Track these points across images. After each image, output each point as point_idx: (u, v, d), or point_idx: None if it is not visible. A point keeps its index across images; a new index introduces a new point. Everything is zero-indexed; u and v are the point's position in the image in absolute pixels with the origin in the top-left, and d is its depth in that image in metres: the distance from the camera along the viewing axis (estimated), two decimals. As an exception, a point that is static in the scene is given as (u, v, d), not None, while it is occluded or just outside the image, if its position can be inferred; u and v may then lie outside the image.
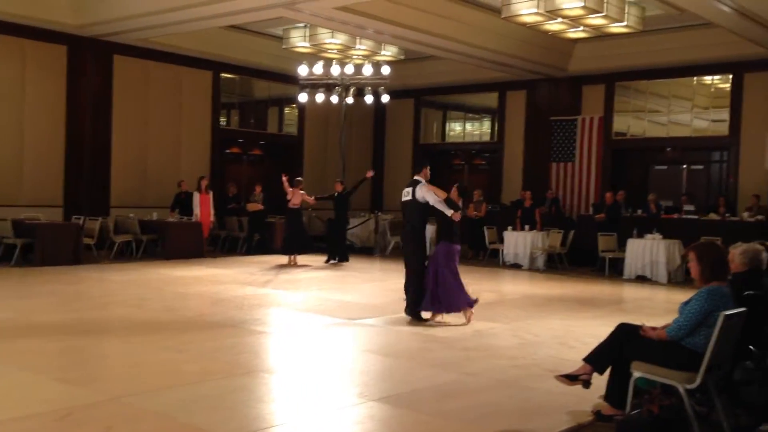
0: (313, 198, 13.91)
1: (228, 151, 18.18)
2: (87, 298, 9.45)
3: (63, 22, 13.90)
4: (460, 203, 8.40)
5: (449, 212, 8.08)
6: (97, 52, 14.80)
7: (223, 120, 17.65)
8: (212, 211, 15.20)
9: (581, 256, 14.30)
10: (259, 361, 6.41)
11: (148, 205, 15.34)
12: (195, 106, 16.64)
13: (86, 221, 13.63)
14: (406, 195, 8.46)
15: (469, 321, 8.05)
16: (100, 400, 4.91)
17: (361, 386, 5.45)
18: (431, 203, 8.19)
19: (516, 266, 14.07)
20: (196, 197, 14.89)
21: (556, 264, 14.16)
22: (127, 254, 14.15)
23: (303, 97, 15.94)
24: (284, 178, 13.64)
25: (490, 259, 15.02)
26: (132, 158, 15.61)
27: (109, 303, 9.11)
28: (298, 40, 15.55)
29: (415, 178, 8.55)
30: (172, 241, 13.94)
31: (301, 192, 13.70)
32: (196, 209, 14.79)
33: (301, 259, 13.80)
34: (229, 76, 17.46)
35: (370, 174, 14.75)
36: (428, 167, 8.74)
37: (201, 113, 16.80)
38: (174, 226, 14.19)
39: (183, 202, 15.03)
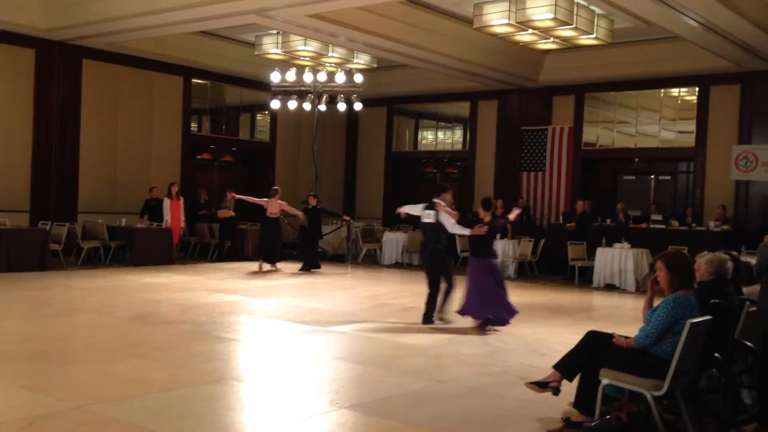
0: (298, 212, 14.25)
1: (199, 157, 18.03)
2: (53, 304, 9.28)
3: (32, 25, 13.67)
4: (487, 218, 8.41)
5: (467, 232, 8.28)
6: (66, 56, 14.58)
7: (194, 126, 17.50)
8: (183, 218, 15.06)
9: (552, 265, 14.45)
10: (229, 368, 6.34)
11: (116, 210, 15.14)
12: (166, 111, 16.47)
13: (53, 226, 13.40)
14: (428, 217, 8.61)
15: (487, 331, 8.19)
16: (66, 408, 4.82)
17: (332, 393, 5.43)
18: (448, 229, 8.48)
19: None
20: (167, 203, 14.74)
21: (526, 272, 14.28)
22: (94, 260, 13.93)
23: (275, 104, 15.90)
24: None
25: (462, 267, 15.06)
26: (101, 163, 15.39)
27: (76, 310, 8.95)
28: (271, 47, 15.50)
29: (435, 200, 8.65)
30: (140, 247, 13.76)
31: (280, 201, 13.73)
32: (167, 215, 14.64)
33: (270, 267, 13.76)
34: (200, 81, 17.34)
35: (347, 218, 15.69)
36: (449, 193, 8.92)
37: (172, 119, 16.64)
38: (143, 233, 14.02)
39: (153, 208, 14.86)
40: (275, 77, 15.18)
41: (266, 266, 13.71)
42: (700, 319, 4.37)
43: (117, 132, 15.64)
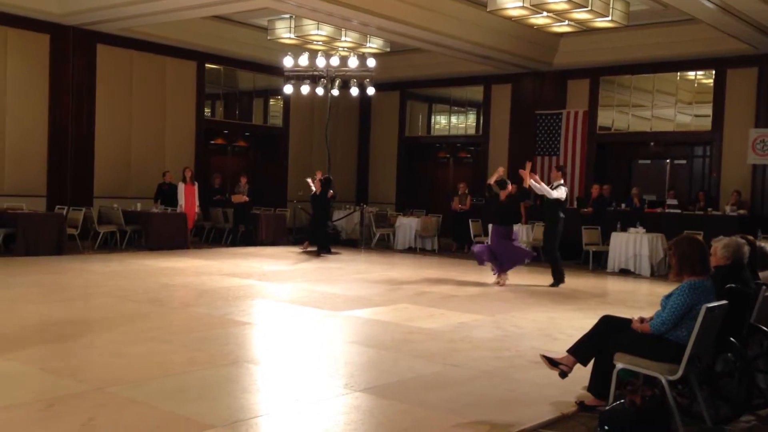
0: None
1: (213, 142, 18.09)
2: (70, 288, 9.38)
3: (46, 10, 13.73)
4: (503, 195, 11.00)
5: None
6: (81, 42, 14.65)
7: (207, 111, 17.55)
8: (197, 202, 15.14)
9: (565, 250, 14.36)
10: (244, 352, 6.40)
11: (131, 195, 15.26)
12: (179, 96, 16.52)
13: (69, 211, 13.52)
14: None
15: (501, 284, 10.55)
16: (85, 390, 4.89)
17: (346, 377, 5.46)
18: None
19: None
20: (181, 188, 14.82)
21: (541, 257, 14.23)
22: (110, 245, 14.06)
23: (288, 89, 15.89)
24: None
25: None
26: (115, 148, 15.48)
27: (93, 294, 9.05)
28: (284, 32, 15.48)
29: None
30: (155, 232, 13.86)
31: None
32: (181, 200, 14.73)
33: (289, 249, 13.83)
34: (213, 66, 17.35)
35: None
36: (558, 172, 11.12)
37: (185, 104, 16.69)
38: (158, 217, 14.12)
39: (166, 193, 14.94)
40: (288, 62, 15.16)
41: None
42: (715, 304, 4.35)
43: (131, 117, 15.72)
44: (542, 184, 10.68)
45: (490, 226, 11.09)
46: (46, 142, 14.54)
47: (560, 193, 10.63)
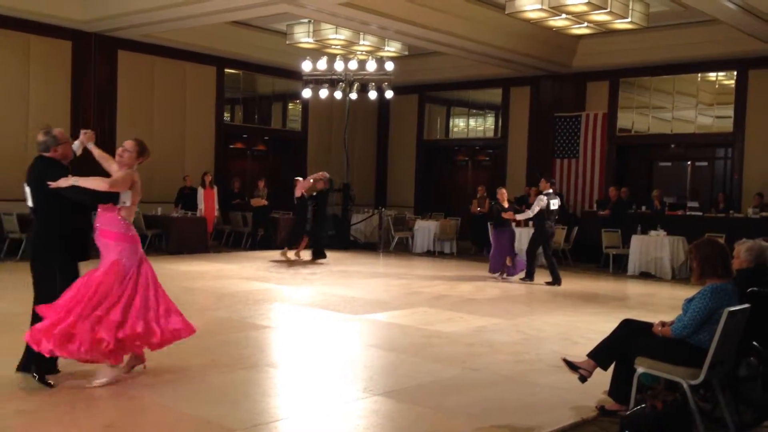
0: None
1: (232, 146, 18.20)
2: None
3: (69, 17, 13.90)
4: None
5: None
6: (102, 48, 14.82)
7: (227, 115, 17.67)
8: (216, 206, 15.25)
9: (585, 253, 14.32)
10: (264, 355, 6.44)
11: (152, 200, 15.35)
12: (199, 101, 16.66)
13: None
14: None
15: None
16: (105, 394, 4.94)
17: (365, 381, 5.47)
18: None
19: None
20: (200, 192, 14.93)
21: (560, 260, 14.14)
22: (131, 249, 14.16)
23: (307, 93, 15.96)
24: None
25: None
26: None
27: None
28: (302, 36, 15.55)
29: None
30: (176, 236, 13.97)
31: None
32: (201, 204, 14.84)
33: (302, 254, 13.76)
34: (232, 71, 17.47)
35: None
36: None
37: (205, 108, 16.82)
38: (178, 221, 14.23)
39: (187, 197, 15.06)
40: (307, 66, 15.23)
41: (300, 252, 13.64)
42: (738, 308, 4.31)
43: (152, 122, 15.87)
44: (526, 214, 11.73)
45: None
46: (68, 147, 14.71)
47: (540, 204, 11.21)
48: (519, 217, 11.89)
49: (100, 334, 4.88)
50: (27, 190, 5.26)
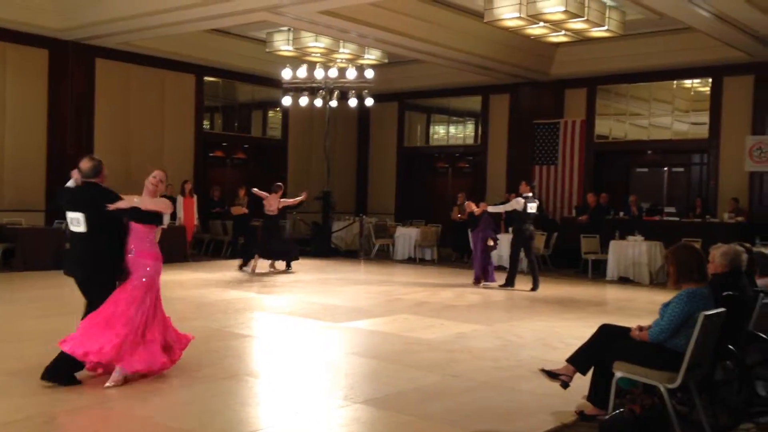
0: (298, 198, 13.56)
1: (211, 154, 18.12)
2: (69, 303, 9.33)
3: (45, 25, 13.79)
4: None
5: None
6: (79, 56, 14.70)
7: (206, 123, 17.60)
8: (196, 215, 15.16)
9: (565, 258, 14.42)
10: (244, 364, 6.40)
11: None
12: (178, 109, 16.57)
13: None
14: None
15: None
16: (86, 405, 4.89)
17: (346, 389, 5.46)
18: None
19: (501, 268, 14.13)
20: (180, 201, 14.83)
21: (540, 265, 14.24)
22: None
23: (287, 101, 15.95)
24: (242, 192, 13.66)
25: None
26: (115, 162, 15.43)
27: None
28: (282, 44, 15.54)
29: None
30: (161, 244, 13.82)
31: (281, 199, 13.09)
32: (180, 213, 14.74)
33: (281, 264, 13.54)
34: (212, 79, 17.41)
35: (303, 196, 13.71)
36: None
37: (184, 117, 16.73)
38: (163, 231, 14.08)
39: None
40: (286, 74, 15.23)
41: (275, 264, 13.35)
42: (713, 312, 4.36)
43: (130, 130, 15.75)
44: (497, 207, 12.08)
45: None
46: (44, 156, 14.57)
47: (517, 205, 11.35)
48: (491, 209, 11.89)
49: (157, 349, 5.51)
50: (75, 215, 5.52)
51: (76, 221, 5.51)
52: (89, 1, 13.23)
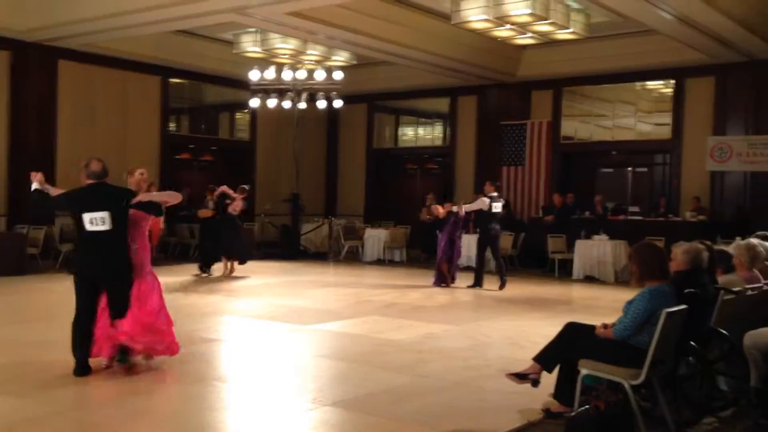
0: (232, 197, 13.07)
1: (178, 157, 17.92)
2: (32, 309, 9.20)
3: (7, 27, 13.51)
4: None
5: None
6: (42, 58, 14.42)
7: (172, 125, 17.40)
8: (162, 218, 14.94)
9: (532, 258, 14.57)
10: (212, 369, 6.34)
11: (95, 212, 14.99)
12: (143, 111, 16.35)
13: (30, 230, 13.26)
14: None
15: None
16: (47, 414, 4.80)
17: (315, 391, 5.45)
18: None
19: (469, 269, 14.21)
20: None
21: (507, 265, 14.36)
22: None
23: (255, 102, 15.85)
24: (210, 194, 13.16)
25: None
26: (78, 165, 15.21)
27: (56, 314, 8.85)
28: (249, 45, 15.43)
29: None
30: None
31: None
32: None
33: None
34: (178, 81, 17.23)
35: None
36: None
37: (149, 119, 16.52)
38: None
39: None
40: (254, 75, 15.13)
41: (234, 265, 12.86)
42: (676, 309, 4.44)
43: (94, 133, 15.49)
44: (463, 206, 11.83)
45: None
46: (6, 159, 14.27)
47: (482, 204, 11.45)
48: (455, 208, 11.86)
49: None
50: (99, 214, 5.72)
51: (100, 220, 5.67)
52: (52, 3, 13.00)
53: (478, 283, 11.61)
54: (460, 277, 11.99)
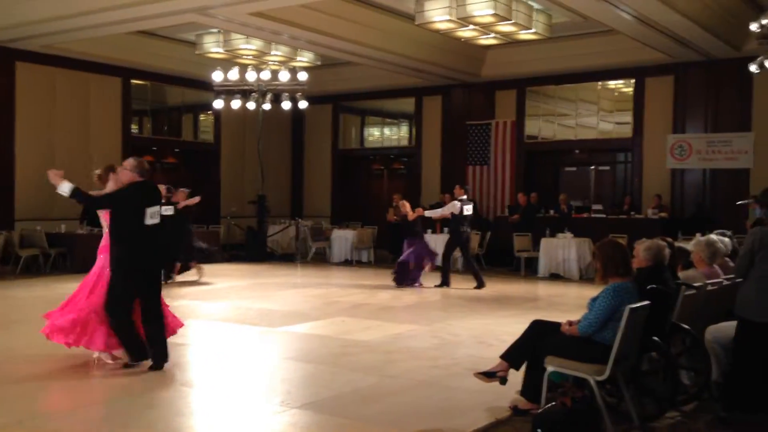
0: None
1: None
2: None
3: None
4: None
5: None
6: (-2, 59, 14.10)
7: (134, 127, 17.13)
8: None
9: (498, 257, 14.69)
10: (178, 374, 6.24)
11: (55, 217, 14.70)
12: (104, 113, 16.07)
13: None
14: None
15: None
16: (7, 423, 4.68)
17: (283, 394, 5.41)
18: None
19: (436, 268, 14.28)
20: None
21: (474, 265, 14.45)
22: (33, 269, 13.52)
23: (218, 104, 15.69)
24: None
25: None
26: (37, 168, 14.82)
27: (16, 321, 8.68)
28: (212, 46, 15.27)
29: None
30: (82, 254, 13.37)
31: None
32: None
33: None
34: (139, 82, 16.97)
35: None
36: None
37: (111, 121, 16.24)
38: (84, 239, 13.65)
39: (93, 213, 14.44)
40: (217, 76, 14.98)
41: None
42: (638, 305, 4.52)
43: (54, 136, 15.19)
44: (434, 211, 12.12)
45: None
46: (-38, 164, 13.91)
47: (453, 208, 11.55)
48: (427, 213, 11.98)
49: None
50: (155, 209, 6.14)
51: (156, 214, 6.12)
52: (8, 3, 12.68)
53: (445, 282, 11.67)
54: (424, 277, 12.03)
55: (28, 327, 8.20)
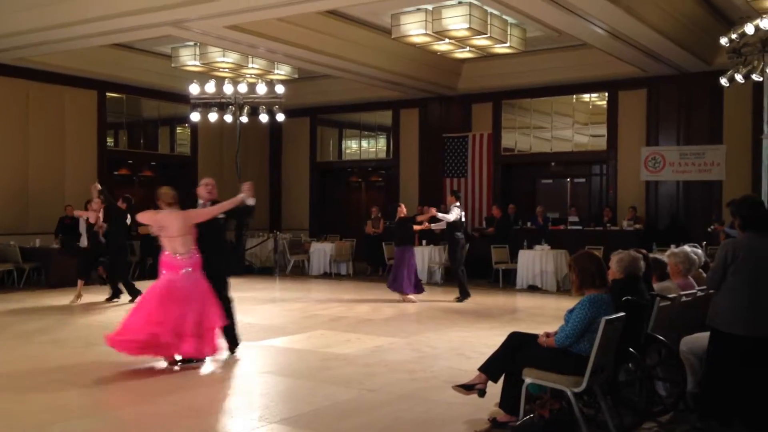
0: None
1: (117, 172, 17.50)
2: None
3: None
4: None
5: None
6: (-29, 72, 13.93)
7: (110, 141, 16.99)
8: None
9: (476, 269, 14.73)
10: (156, 389, 6.18)
11: (29, 231, 14.51)
12: (79, 126, 15.92)
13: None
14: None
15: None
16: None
17: (261, 409, 5.38)
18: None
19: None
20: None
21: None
22: (7, 284, 13.31)
23: (195, 117, 15.62)
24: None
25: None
26: (11, 183, 14.73)
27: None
28: (188, 59, 15.22)
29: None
30: (56, 268, 13.22)
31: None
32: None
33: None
34: (115, 95, 16.84)
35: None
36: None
37: (86, 134, 16.09)
38: (58, 253, 13.49)
39: (67, 228, 14.30)
40: (194, 89, 14.91)
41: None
42: (614, 316, 4.57)
43: (28, 150, 15.01)
44: (446, 216, 11.62)
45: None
46: (-67, 177, 13.69)
47: (455, 215, 11.52)
48: (440, 215, 11.64)
49: None
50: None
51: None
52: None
53: (465, 294, 11.61)
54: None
55: (2, 342, 8.08)
